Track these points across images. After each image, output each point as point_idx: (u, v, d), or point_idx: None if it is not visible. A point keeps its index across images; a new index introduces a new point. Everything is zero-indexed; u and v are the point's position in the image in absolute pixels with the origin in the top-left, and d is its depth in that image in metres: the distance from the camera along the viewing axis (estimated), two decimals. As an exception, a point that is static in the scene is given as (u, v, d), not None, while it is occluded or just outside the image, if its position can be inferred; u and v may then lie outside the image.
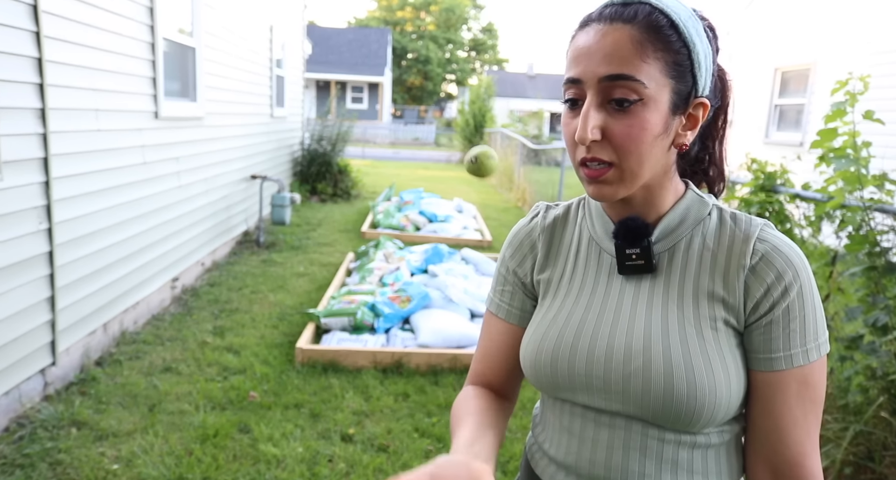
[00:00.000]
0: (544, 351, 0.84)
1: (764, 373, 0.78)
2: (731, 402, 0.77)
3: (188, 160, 4.72)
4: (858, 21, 7.29)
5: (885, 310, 2.41)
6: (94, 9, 3.31)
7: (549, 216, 0.94)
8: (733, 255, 0.79)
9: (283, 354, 3.68)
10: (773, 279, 0.77)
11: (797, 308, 0.77)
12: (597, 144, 0.76)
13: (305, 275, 5.41)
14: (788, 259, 0.77)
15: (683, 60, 0.76)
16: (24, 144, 2.76)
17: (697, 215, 0.83)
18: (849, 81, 2.61)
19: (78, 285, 3.24)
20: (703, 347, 0.77)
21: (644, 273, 0.83)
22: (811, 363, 0.77)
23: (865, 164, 2.57)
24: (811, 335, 0.77)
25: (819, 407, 0.79)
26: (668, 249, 0.83)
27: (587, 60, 0.75)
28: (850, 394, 2.52)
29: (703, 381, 0.76)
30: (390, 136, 28.53)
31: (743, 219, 0.81)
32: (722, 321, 0.79)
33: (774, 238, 0.79)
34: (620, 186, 0.78)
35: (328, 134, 9.71)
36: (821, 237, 2.97)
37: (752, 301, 0.78)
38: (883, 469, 2.33)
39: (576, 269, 0.89)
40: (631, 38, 0.74)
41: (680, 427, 0.78)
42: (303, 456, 2.64)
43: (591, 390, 0.82)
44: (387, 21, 46.56)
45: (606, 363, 0.80)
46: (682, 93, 0.77)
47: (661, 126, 0.76)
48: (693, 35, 0.77)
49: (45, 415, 2.81)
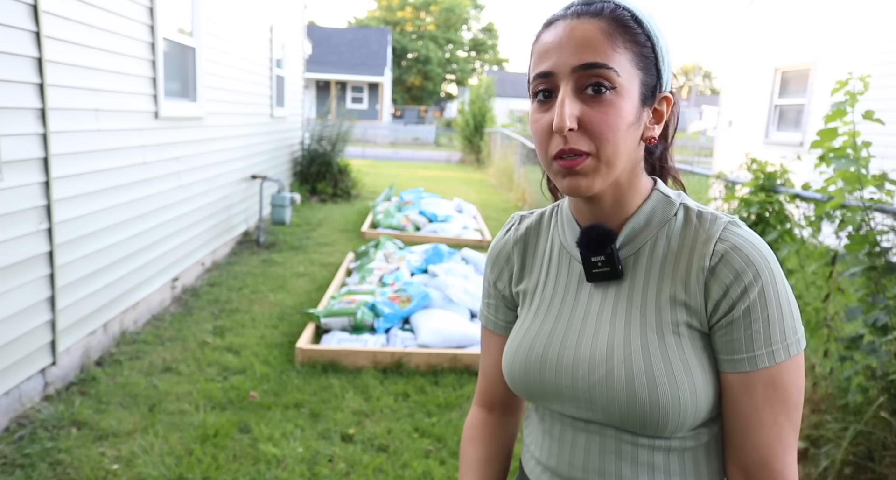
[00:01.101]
0: (518, 362, 0.86)
1: (730, 375, 0.77)
2: (698, 407, 0.76)
3: (188, 160, 4.72)
4: (858, 21, 7.29)
5: (884, 310, 2.41)
6: (95, 9, 3.31)
7: (522, 227, 0.95)
8: (694, 257, 0.78)
9: (283, 354, 3.68)
10: (731, 280, 0.75)
11: (759, 309, 0.75)
12: (573, 134, 0.75)
13: (305, 275, 5.41)
14: (748, 259, 0.75)
15: (648, 53, 0.78)
16: (24, 144, 2.76)
17: (663, 216, 0.82)
18: (849, 81, 2.61)
19: (78, 285, 3.24)
20: (664, 353, 0.77)
21: (611, 280, 0.83)
22: (778, 364, 0.75)
23: (865, 164, 2.57)
24: (777, 336, 0.75)
25: (791, 408, 0.77)
26: (633, 253, 0.83)
27: (558, 53, 0.75)
28: (849, 394, 2.52)
29: (664, 389, 0.75)
30: (390, 136, 28.54)
31: (708, 218, 0.80)
32: (685, 325, 0.78)
33: (736, 237, 0.77)
34: (596, 177, 0.77)
35: (328, 134, 9.71)
36: (821, 237, 2.97)
37: (712, 303, 0.77)
38: (883, 468, 2.33)
39: (548, 278, 0.89)
40: (601, 30, 0.75)
41: (649, 432, 0.78)
42: (303, 456, 2.64)
43: (563, 399, 0.83)
44: (387, 21, 46.56)
45: (573, 373, 0.81)
46: (650, 85, 0.78)
47: (634, 115, 0.77)
48: (655, 30, 0.79)
49: (45, 415, 2.81)
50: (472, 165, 17.95)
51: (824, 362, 2.83)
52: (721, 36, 4.81)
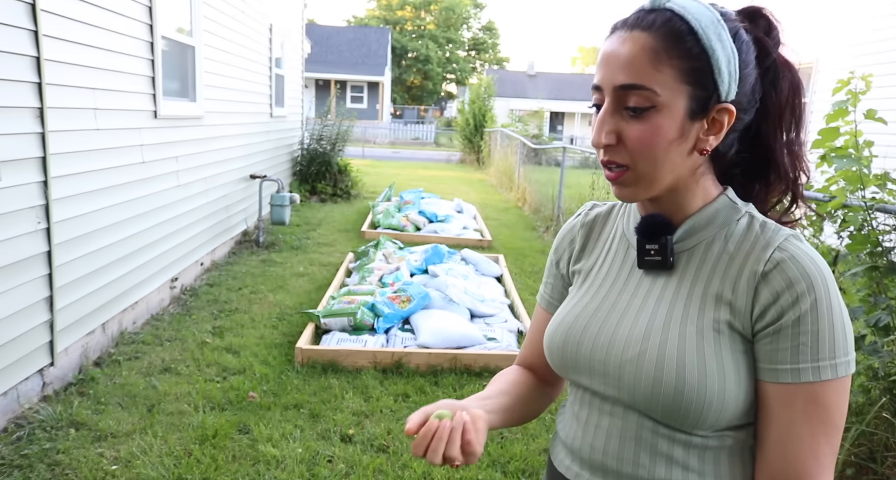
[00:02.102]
0: (560, 332, 0.90)
1: (770, 385, 0.76)
2: (724, 406, 0.76)
3: (187, 160, 4.71)
4: (860, 19, 7.28)
5: (886, 310, 2.40)
6: (93, 7, 3.30)
7: (592, 214, 1.00)
8: (749, 260, 0.79)
9: (283, 354, 3.67)
10: (783, 287, 0.75)
11: (809, 321, 0.74)
12: (612, 149, 0.79)
13: (305, 275, 5.40)
14: (805, 270, 0.75)
15: (702, 66, 0.77)
16: (23, 143, 2.75)
17: (725, 220, 0.83)
18: (850, 80, 2.60)
19: (76, 285, 3.23)
20: (700, 347, 0.78)
21: (661, 269, 0.85)
22: (822, 382, 0.74)
23: (867, 163, 2.56)
24: (825, 353, 0.74)
25: (831, 430, 0.75)
26: (688, 249, 0.84)
27: (606, 68, 0.79)
28: (851, 395, 2.51)
29: (692, 380, 0.76)
30: (390, 135, 28.54)
31: (771, 228, 0.81)
32: (726, 323, 0.78)
33: (796, 249, 0.77)
34: (638, 187, 0.81)
35: (328, 134, 9.70)
36: (822, 237, 2.96)
37: (760, 308, 0.76)
38: (885, 469, 2.32)
39: (605, 261, 0.93)
40: (645, 48, 0.76)
41: (670, 421, 0.79)
42: (302, 457, 2.63)
43: (593, 373, 0.86)
44: (387, 20, 46.54)
45: (608, 348, 0.84)
46: (701, 99, 0.78)
47: (676, 131, 0.78)
48: (713, 41, 0.77)
49: (43, 416, 2.80)
50: (472, 165, 17.94)
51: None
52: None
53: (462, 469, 2.61)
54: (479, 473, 2.60)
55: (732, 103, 0.79)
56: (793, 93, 0.85)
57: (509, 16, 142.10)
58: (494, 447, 2.79)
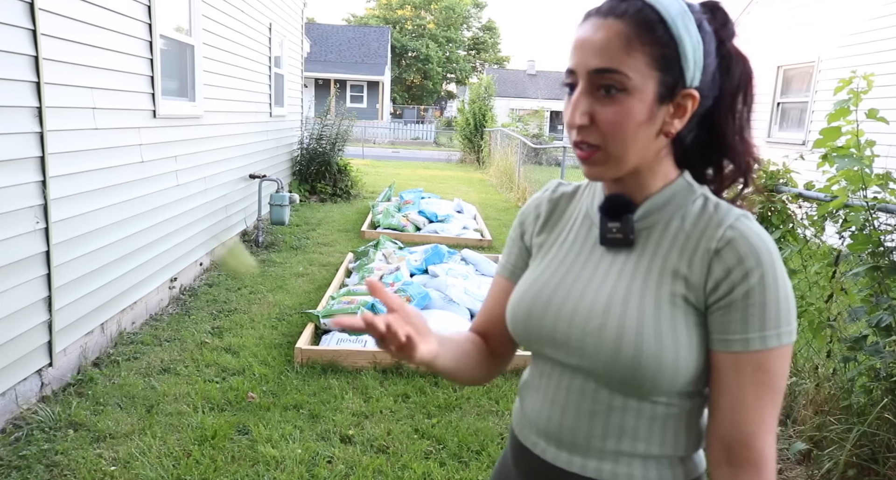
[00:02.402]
0: (524, 303, 0.94)
1: (721, 354, 0.83)
2: (677, 373, 0.82)
3: (186, 159, 4.70)
4: (862, 18, 7.27)
5: (888, 310, 2.39)
6: (92, 6, 3.29)
7: (559, 191, 1.05)
8: (703, 238, 0.85)
9: (283, 354, 3.66)
10: (734, 263, 0.81)
11: (757, 294, 0.80)
12: (585, 129, 0.83)
13: (305, 275, 5.39)
14: (753, 247, 0.81)
15: (671, 53, 0.82)
16: (21, 142, 2.73)
17: (682, 201, 0.89)
18: (852, 80, 2.59)
19: (75, 286, 3.22)
20: (657, 318, 0.83)
21: (622, 246, 0.90)
22: (768, 350, 0.81)
23: (869, 163, 2.55)
24: (771, 323, 0.80)
25: (776, 394, 0.82)
26: (647, 227, 0.90)
27: (581, 53, 0.83)
28: (853, 395, 2.50)
29: (649, 348, 0.82)
30: (390, 135, 28.52)
31: (724, 208, 0.86)
32: (681, 297, 0.84)
33: (746, 228, 0.83)
34: (608, 167, 0.85)
35: (327, 133, 9.69)
36: (824, 237, 2.95)
37: (713, 282, 0.82)
38: (887, 470, 2.31)
39: (568, 237, 0.98)
40: (619, 34, 0.81)
41: (627, 388, 0.84)
42: (302, 458, 2.62)
43: (556, 343, 0.90)
44: (386, 19, 46.52)
45: (570, 320, 0.89)
46: (668, 84, 0.83)
47: (646, 114, 0.82)
48: (681, 30, 0.82)
49: (41, 416, 2.79)
50: (472, 165, 17.93)
51: (828, 363, 2.81)
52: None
53: (462, 468, 2.61)
54: (479, 473, 2.59)
55: (696, 90, 0.85)
56: (745, 81, 0.90)
57: (509, 15, 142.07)
58: (494, 448, 2.78)
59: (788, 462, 2.75)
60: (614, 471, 0.88)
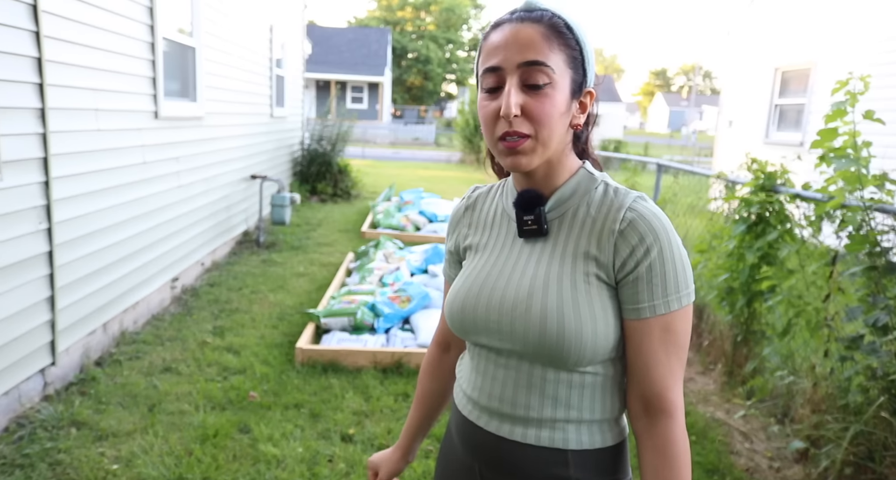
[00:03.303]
0: (458, 300, 1.02)
1: (633, 321, 0.93)
2: (597, 344, 0.91)
3: (188, 160, 4.72)
4: (859, 21, 7.28)
5: (885, 310, 2.41)
6: (94, 8, 3.31)
7: (474, 195, 1.15)
8: (607, 221, 0.94)
9: (283, 354, 3.67)
10: (636, 241, 0.91)
11: (658, 265, 0.91)
12: (517, 119, 0.90)
13: (305, 275, 5.41)
14: (650, 225, 0.91)
15: (577, 56, 0.93)
16: (24, 143, 2.75)
17: (586, 189, 0.99)
18: (849, 81, 2.61)
19: (78, 285, 3.24)
20: (574, 297, 0.92)
21: (538, 236, 0.99)
22: (672, 312, 0.91)
23: (866, 164, 2.56)
24: (671, 288, 0.91)
25: (682, 351, 0.94)
26: (558, 216, 0.99)
27: (505, 51, 0.91)
28: (850, 394, 2.52)
29: (570, 325, 0.91)
30: (390, 136, 28.53)
31: (622, 192, 0.96)
32: (594, 276, 0.94)
33: (643, 208, 0.93)
34: (534, 155, 0.93)
35: (328, 134, 9.71)
36: (821, 237, 2.96)
37: (620, 260, 0.92)
38: (883, 469, 2.33)
39: (489, 235, 1.07)
40: (541, 33, 0.90)
41: (555, 363, 0.93)
42: (303, 456, 2.64)
43: (490, 332, 0.98)
44: (387, 21, 46.53)
45: (500, 308, 0.97)
46: (577, 82, 0.94)
47: (565, 106, 0.93)
48: (583, 36, 0.94)
49: (44, 415, 2.81)
50: (473, 165, 17.93)
51: (825, 362, 2.83)
52: (721, 36, 4.82)
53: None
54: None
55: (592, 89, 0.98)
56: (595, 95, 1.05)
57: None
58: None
59: (786, 461, 2.77)
60: (552, 437, 0.96)
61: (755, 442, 2.95)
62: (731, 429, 3.08)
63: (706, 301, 4.03)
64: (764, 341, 3.35)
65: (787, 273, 3.18)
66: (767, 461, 2.80)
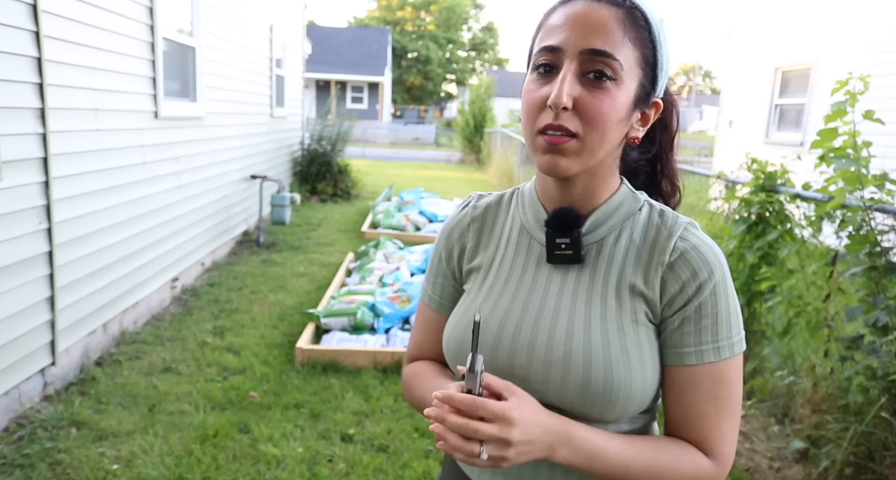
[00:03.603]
0: (465, 338, 0.84)
1: (676, 368, 0.80)
2: (644, 394, 0.79)
3: (188, 160, 4.72)
4: (859, 20, 7.29)
5: (885, 310, 2.41)
6: (94, 8, 3.31)
7: (481, 205, 0.95)
8: (655, 251, 0.80)
9: (283, 354, 3.67)
10: (688, 276, 0.78)
11: (710, 305, 0.78)
12: (566, 113, 0.75)
13: (305, 275, 5.41)
14: (705, 258, 0.78)
15: (651, 57, 0.79)
16: (24, 143, 2.75)
17: (629, 210, 0.84)
18: (849, 81, 2.61)
19: (78, 285, 3.24)
20: (622, 340, 0.78)
21: (572, 264, 0.83)
22: (722, 360, 0.78)
23: (866, 164, 2.56)
24: (723, 333, 0.78)
25: (733, 403, 0.80)
26: (596, 241, 0.84)
27: (571, 31, 0.75)
28: (850, 394, 2.52)
29: (619, 373, 0.77)
30: (390, 136, 28.52)
31: (670, 216, 0.83)
32: (643, 314, 0.80)
33: (695, 238, 0.80)
34: (576, 160, 0.77)
35: (328, 134, 9.71)
36: (821, 237, 2.96)
37: (668, 296, 0.79)
38: (884, 469, 2.33)
39: (505, 256, 0.89)
40: (617, 19, 0.75)
41: (594, 416, 0.79)
42: (303, 456, 2.64)
43: (513, 378, 0.80)
44: (387, 21, 46.53)
45: (529, 352, 0.80)
46: (645, 88, 0.79)
47: (626, 111, 0.78)
48: (661, 36, 0.80)
49: (44, 415, 2.81)
50: (472, 165, 17.94)
51: (825, 362, 2.83)
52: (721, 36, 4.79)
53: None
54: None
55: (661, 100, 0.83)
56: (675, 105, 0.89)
57: (509, 16, 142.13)
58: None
59: (786, 461, 2.76)
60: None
61: (755, 442, 2.95)
62: (731, 429, 3.07)
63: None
64: (764, 341, 3.35)
65: (787, 273, 3.18)
66: (767, 461, 2.79)
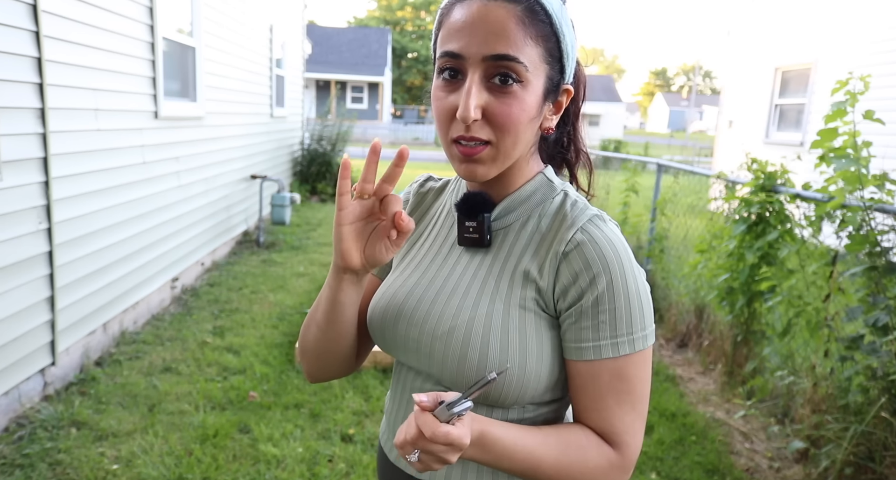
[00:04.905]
0: (379, 308, 0.89)
1: (575, 363, 0.78)
2: (525, 381, 0.77)
3: (188, 160, 4.72)
4: (859, 20, 7.29)
5: (885, 310, 2.41)
6: (94, 8, 3.31)
7: (427, 186, 0.99)
8: (554, 240, 0.80)
9: (283, 354, 3.67)
10: (580, 268, 0.77)
11: (606, 301, 0.76)
12: (476, 123, 0.75)
13: (305, 275, 5.41)
14: (601, 252, 0.77)
15: (555, 50, 0.77)
16: (24, 143, 2.75)
17: (541, 198, 0.85)
18: (849, 81, 2.61)
19: (78, 285, 3.24)
20: (505, 323, 0.78)
21: (479, 247, 0.85)
22: (622, 356, 0.77)
23: (866, 164, 2.56)
24: (623, 329, 0.76)
25: (636, 399, 0.79)
26: (504, 227, 0.85)
27: (470, 35, 0.73)
28: (850, 394, 2.52)
29: (494, 355, 0.77)
30: (390, 136, 28.52)
31: (580, 208, 0.82)
32: (532, 301, 0.79)
33: (597, 230, 0.78)
34: (493, 165, 0.78)
35: (328, 134, 9.71)
36: (821, 237, 2.96)
37: (560, 288, 0.78)
38: (883, 469, 2.33)
39: (429, 237, 0.93)
40: (516, 19, 0.73)
41: (489, 400, 0.79)
42: (303, 456, 2.64)
43: (408, 349, 0.84)
44: (387, 21, 46.53)
45: (421, 324, 0.83)
46: (554, 79, 0.79)
47: (536, 109, 0.77)
48: (563, 25, 0.78)
49: (44, 415, 2.81)
50: (472, 165, 17.95)
51: (825, 362, 2.83)
52: (721, 36, 4.78)
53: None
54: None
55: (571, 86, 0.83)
56: (583, 80, 0.88)
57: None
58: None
59: (786, 461, 2.77)
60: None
61: (755, 442, 2.95)
62: (731, 429, 3.08)
63: (706, 301, 4.04)
64: (764, 341, 3.35)
65: (787, 273, 3.18)
66: (767, 461, 2.80)
